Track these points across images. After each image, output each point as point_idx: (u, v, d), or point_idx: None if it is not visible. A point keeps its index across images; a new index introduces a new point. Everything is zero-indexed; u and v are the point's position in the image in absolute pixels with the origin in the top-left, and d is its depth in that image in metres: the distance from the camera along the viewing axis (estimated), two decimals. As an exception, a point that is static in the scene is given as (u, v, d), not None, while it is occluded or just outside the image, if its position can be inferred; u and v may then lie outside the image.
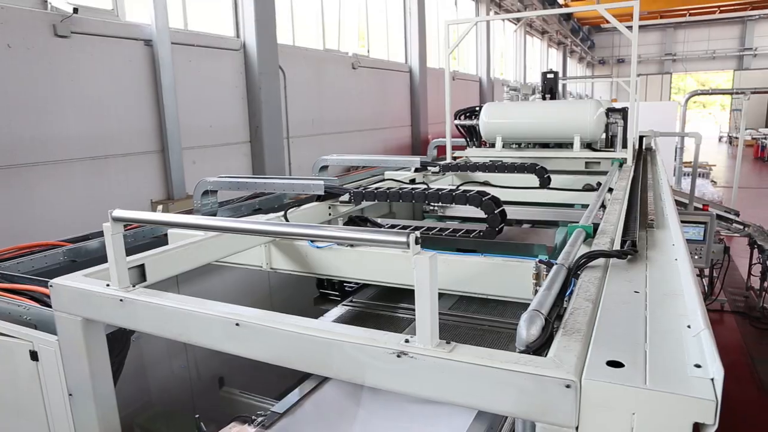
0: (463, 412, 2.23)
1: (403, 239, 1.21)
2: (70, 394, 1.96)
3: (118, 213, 1.67)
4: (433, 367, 1.18)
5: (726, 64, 37.54)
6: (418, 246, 1.20)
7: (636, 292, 1.55)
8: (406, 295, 2.76)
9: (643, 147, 6.15)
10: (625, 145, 4.82)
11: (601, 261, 1.82)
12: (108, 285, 1.77)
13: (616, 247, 2.01)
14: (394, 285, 2.45)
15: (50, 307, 2.12)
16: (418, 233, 1.20)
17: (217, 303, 1.54)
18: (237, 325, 1.42)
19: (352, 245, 2.48)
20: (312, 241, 2.55)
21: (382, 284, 2.49)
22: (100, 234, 3.36)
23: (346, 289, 3.08)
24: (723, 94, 31.90)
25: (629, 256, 1.87)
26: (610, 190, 3.32)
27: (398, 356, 1.21)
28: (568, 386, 1.08)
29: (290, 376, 2.56)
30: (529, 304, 1.36)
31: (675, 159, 10.95)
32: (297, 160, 7.76)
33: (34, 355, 2.04)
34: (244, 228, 1.64)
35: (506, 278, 2.28)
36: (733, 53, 36.96)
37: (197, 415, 2.38)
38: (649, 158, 5.42)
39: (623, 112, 5.23)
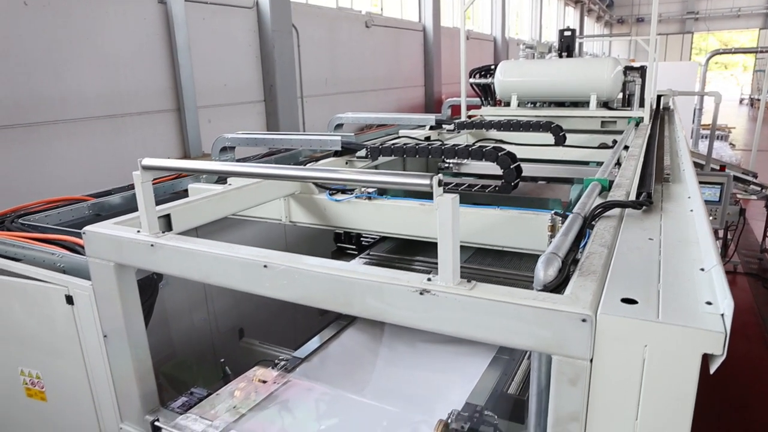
0: (477, 359, 2.32)
1: (427, 181, 1.25)
2: (105, 336, 2.06)
3: (148, 161, 1.73)
4: (454, 305, 1.24)
5: (751, 22, 36.26)
6: (441, 188, 1.24)
7: (650, 239, 1.59)
8: (422, 248, 2.82)
9: (661, 106, 6.07)
10: (642, 104, 4.77)
11: (616, 211, 1.85)
12: (138, 231, 1.84)
13: (632, 199, 2.04)
14: (411, 237, 2.51)
15: (81, 255, 2.22)
16: (440, 175, 1.24)
17: (244, 247, 1.61)
18: (265, 267, 1.48)
19: (370, 198, 2.53)
20: (331, 194, 2.60)
21: (400, 236, 2.54)
22: (122, 189, 3.46)
23: (363, 243, 3.14)
24: (747, 53, 31.00)
25: (644, 207, 1.90)
26: (626, 147, 3.32)
27: (420, 294, 1.27)
28: (584, 320, 1.14)
29: (307, 329, 2.66)
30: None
31: (693, 121, 10.77)
32: (311, 120, 7.76)
33: (69, 300, 2.14)
34: (271, 173, 1.69)
35: (522, 230, 2.32)
36: (760, 10, 35.60)
37: (222, 360, 2.49)
38: (666, 117, 5.36)
39: (641, 71, 5.16)
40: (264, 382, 2.12)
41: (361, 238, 3.11)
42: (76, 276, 2.17)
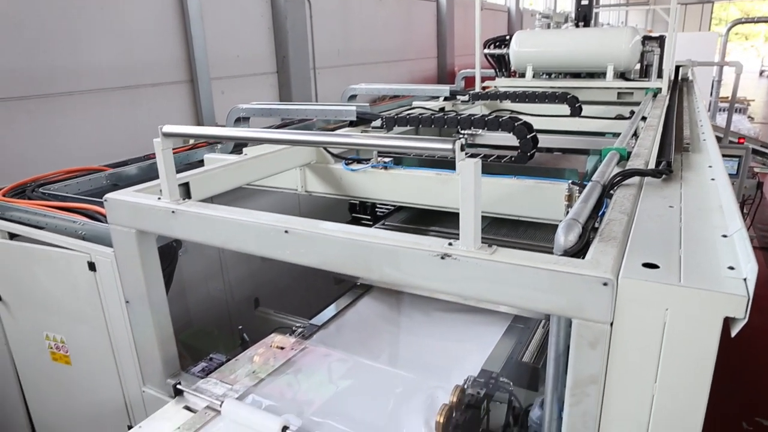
0: (492, 328, 2.34)
1: (449, 146, 1.25)
2: (127, 302, 2.10)
3: (168, 128, 1.73)
4: (475, 269, 1.25)
5: (773, -9, 35.16)
6: (464, 152, 1.24)
7: (670, 206, 1.59)
8: (437, 218, 2.82)
9: (680, 77, 5.95)
10: (660, 75, 4.69)
11: (635, 180, 1.84)
12: (159, 199, 1.86)
13: (651, 168, 2.02)
14: (427, 207, 2.51)
15: (101, 223, 2.25)
16: (463, 139, 1.24)
17: (265, 213, 1.62)
18: (286, 232, 1.50)
19: (386, 167, 2.53)
20: (347, 164, 2.60)
21: (416, 206, 2.55)
22: (138, 160, 3.48)
23: (378, 213, 3.15)
24: (769, 22, 30.04)
25: (664, 176, 1.88)
26: (644, 118, 3.28)
27: (442, 258, 1.28)
28: (605, 284, 1.14)
29: (321, 299, 2.69)
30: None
31: (711, 93, 10.57)
32: (323, 92, 7.72)
33: (91, 266, 2.18)
34: (290, 139, 1.69)
35: (538, 200, 2.32)
36: (784, -22, 34.46)
37: (240, 327, 2.53)
38: (685, 88, 5.27)
39: (660, 41, 5.05)
40: (281, 348, 2.16)
41: (376, 209, 3.12)
42: (97, 243, 2.21)
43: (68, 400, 2.67)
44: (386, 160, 2.58)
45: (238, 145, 3.42)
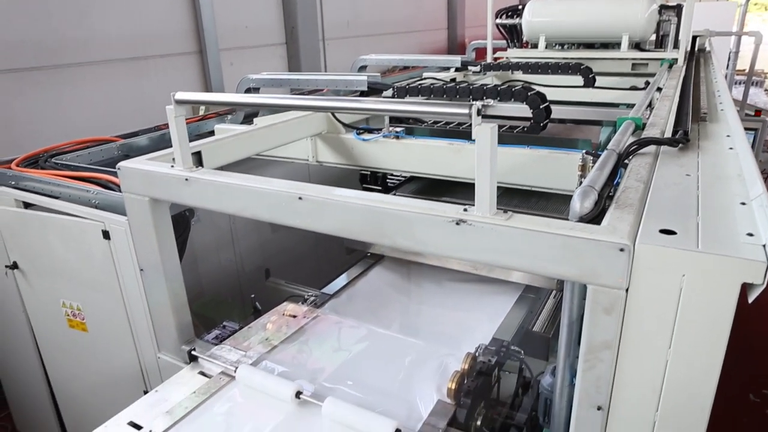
0: (503, 298, 2.35)
1: (465, 111, 1.23)
2: (141, 270, 2.12)
3: (181, 95, 1.73)
4: (491, 235, 1.25)
5: (793, -40, 34.11)
6: (480, 117, 1.23)
7: (687, 175, 1.57)
8: (448, 189, 2.81)
9: (696, 48, 5.83)
10: (677, 45, 4.59)
11: (651, 149, 1.82)
12: (172, 166, 1.86)
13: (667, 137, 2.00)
14: (439, 177, 2.50)
15: (114, 192, 2.26)
16: (479, 104, 1.22)
17: (278, 180, 1.62)
18: (300, 198, 1.50)
19: (397, 137, 2.52)
20: (358, 134, 2.59)
21: (428, 176, 2.54)
22: (148, 131, 3.48)
23: (389, 184, 3.14)
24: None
25: (681, 145, 1.86)
26: (659, 89, 3.22)
27: (457, 224, 1.27)
28: (621, 250, 1.14)
29: (331, 271, 2.70)
30: (572, 196, 1.39)
31: (727, 66, 10.35)
32: (332, 63, 7.63)
33: (106, 234, 2.20)
34: (305, 104, 1.68)
35: (551, 170, 2.30)
36: (804, -53, 33.41)
37: (252, 295, 2.56)
38: (702, 59, 5.16)
39: (677, 9, 4.93)
40: (294, 316, 2.19)
41: (387, 180, 3.11)
42: (111, 212, 2.22)
43: (85, 365, 2.72)
44: (398, 129, 2.57)
45: (249, 116, 3.41)
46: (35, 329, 2.87)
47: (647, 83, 3.73)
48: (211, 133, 3.07)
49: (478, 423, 1.72)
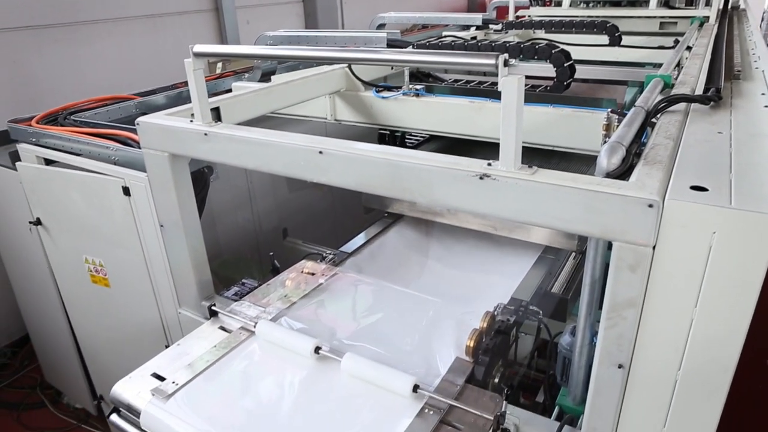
0: (522, 260, 2.33)
1: (492, 61, 1.19)
2: (161, 226, 2.14)
3: (199, 48, 1.70)
4: (515, 189, 1.22)
5: None
6: (507, 68, 1.19)
7: (720, 132, 1.51)
8: (468, 149, 2.76)
9: (729, 5, 5.59)
10: (708, 3, 4.41)
11: (681, 107, 1.76)
12: (191, 121, 1.85)
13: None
14: (459, 136, 2.46)
15: (134, 148, 2.26)
16: (506, 55, 1.18)
17: (298, 134, 1.60)
18: (320, 153, 1.48)
19: (417, 95, 2.47)
20: (378, 91, 2.55)
21: (448, 135, 2.50)
22: (165, 89, 3.46)
23: (408, 144, 3.11)
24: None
25: (712, 103, 1.79)
26: (689, 48, 3.11)
27: (480, 178, 1.25)
28: (650, 206, 1.11)
29: (349, 230, 2.70)
30: (595, 157, 1.36)
31: (761, 26, 9.97)
32: (350, 22, 7.48)
33: (126, 191, 2.21)
34: (326, 56, 1.64)
35: (575, 129, 2.25)
36: None
37: (271, 253, 2.57)
38: (735, 17, 4.95)
39: (710, -36, 4.71)
40: (312, 274, 2.19)
41: (406, 139, 3.07)
42: (130, 168, 2.23)
43: (109, 320, 2.79)
44: (418, 87, 2.52)
45: (266, 75, 3.37)
46: (60, 285, 2.93)
47: (676, 41, 3.60)
48: (229, 91, 3.05)
49: (496, 380, 1.73)
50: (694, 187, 1.15)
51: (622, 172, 1.27)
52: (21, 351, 4.23)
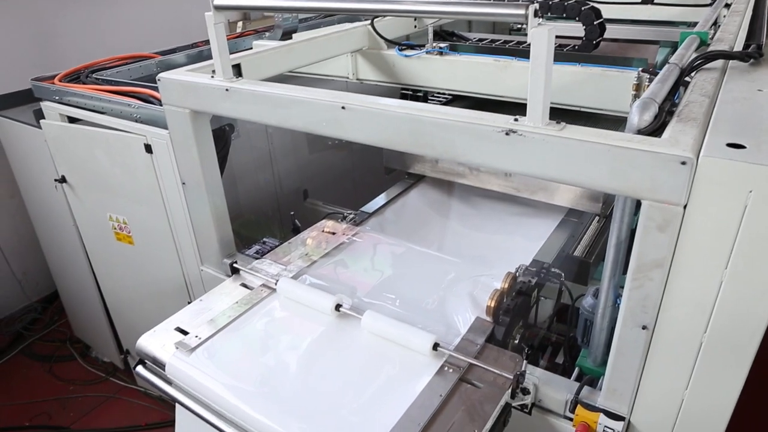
0: (544, 222, 2.30)
1: (521, 11, 1.15)
2: (183, 183, 2.15)
3: (220, 0, 1.66)
4: (542, 146, 1.19)
5: None
6: (537, 19, 1.14)
7: (759, 90, 1.45)
8: (493, 110, 2.71)
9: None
10: (749, -43, 4.18)
11: (718, 64, 1.68)
12: (212, 77, 1.83)
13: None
14: (484, 96, 2.40)
15: (155, 105, 2.25)
16: (536, 5, 1.13)
17: (320, 90, 1.57)
18: (343, 108, 1.45)
19: (441, 53, 2.41)
20: (400, 50, 2.49)
21: (472, 95, 2.44)
22: (186, 48, 3.44)
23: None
24: None
25: (752, 60, 1.71)
26: (727, 5, 2.97)
27: (507, 134, 1.22)
28: (683, 163, 1.07)
29: (370, 192, 2.68)
30: (624, 118, 1.31)
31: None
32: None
33: (148, 148, 2.21)
34: (349, 8, 1.59)
35: (603, 89, 2.18)
36: None
37: (292, 212, 2.58)
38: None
39: None
40: (333, 233, 2.19)
41: (429, 100, 3.02)
42: (152, 126, 2.23)
43: (133, 277, 2.84)
44: (442, 45, 2.45)
45: (287, 34, 3.32)
46: (85, 242, 2.99)
47: (713, -1, 3.44)
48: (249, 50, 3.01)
49: (516, 341, 1.73)
50: (730, 145, 1.10)
51: (654, 129, 1.23)
52: (51, 306, 4.36)
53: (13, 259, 4.16)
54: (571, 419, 1.51)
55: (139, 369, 1.71)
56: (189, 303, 1.90)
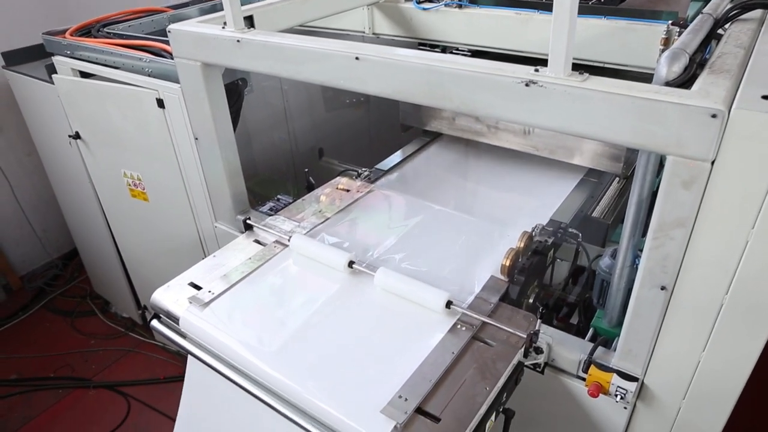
0: (563, 182, 2.25)
1: (546, -48, 1.08)
2: (196, 139, 2.12)
3: (229, -53, 1.60)
4: (564, 97, 1.14)
5: None
6: (561, -40, 1.07)
7: (799, 41, 1.37)
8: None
9: None
10: None
11: (756, 14, 1.59)
12: (223, 28, 1.78)
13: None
14: (504, 51, 2.32)
15: (166, 59, 2.21)
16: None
17: (333, 40, 1.52)
18: (357, 59, 1.40)
19: (460, 6, 2.32)
20: (418, 2, 2.41)
21: (491, 50, 2.36)
22: (198, 1, 3.36)
23: (448, 62, 2.97)
24: None
25: (792, 10, 1.61)
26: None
27: (527, 85, 1.16)
28: (713, 116, 1.01)
29: (386, 151, 2.63)
30: (651, 74, 1.24)
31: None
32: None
33: (160, 103, 2.19)
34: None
35: (630, 44, 2.10)
36: None
37: (306, 169, 2.55)
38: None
39: None
40: (347, 190, 2.17)
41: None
42: (164, 80, 2.19)
43: (149, 234, 2.86)
44: (462, -4, 2.36)
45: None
46: (101, 199, 3.00)
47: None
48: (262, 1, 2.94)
49: (530, 301, 1.71)
50: (766, 97, 1.04)
51: (684, 82, 1.17)
52: (71, 263, 4.44)
53: (33, 217, 4.22)
54: (583, 379, 1.50)
55: (154, 323, 1.72)
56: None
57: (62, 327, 3.90)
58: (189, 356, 1.64)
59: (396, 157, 2.42)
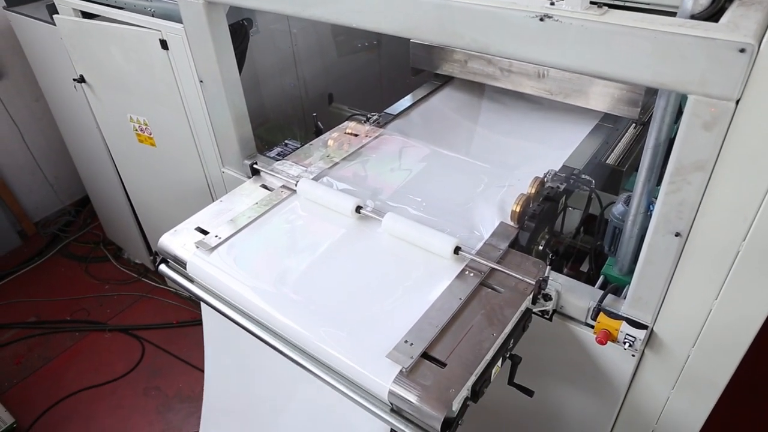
0: (577, 128, 2.18)
1: None
2: (201, 81, 2.07)
3: None
4: (580, 32, 1.07)
5: None
6: None
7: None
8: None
9: None
10: None
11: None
12: (225, -38, 1.70)
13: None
14: None
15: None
16: None
17: (339, -25, 1.44)
18: (364, -6, 1.33)
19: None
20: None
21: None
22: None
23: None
24: None
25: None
26: None
27: (541, 20, 1.09)
28: (742, 50, 0.95)
29: (396, 98, 2.56)
30: (675, 13, 1.15)
31: None
32: None
33: (164, 44, 2.12)
34: None
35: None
36: None
37: (314, 114, 2.50)
38: None
39: None
40: (355, 135, 2.12)
41: None
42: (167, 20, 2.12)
43: (156, 179, 2.85)
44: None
45: None
46: (109, 144, 2.98)
47: None
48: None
49: (540, 248, 1.69)
50: (799, 30, 0.97)
51: (711, 15, 1.09)
52: (84, 210, 4.48)
53: (44, 164, 4.23)
54: (592, 327, 1.49)
55: (162, 267, 1.73)
56: (212, 204, 1.89)
57: (77, 272, 3.97)
58: (202, 303, 1.65)
59: (406, 101, 2.35)
